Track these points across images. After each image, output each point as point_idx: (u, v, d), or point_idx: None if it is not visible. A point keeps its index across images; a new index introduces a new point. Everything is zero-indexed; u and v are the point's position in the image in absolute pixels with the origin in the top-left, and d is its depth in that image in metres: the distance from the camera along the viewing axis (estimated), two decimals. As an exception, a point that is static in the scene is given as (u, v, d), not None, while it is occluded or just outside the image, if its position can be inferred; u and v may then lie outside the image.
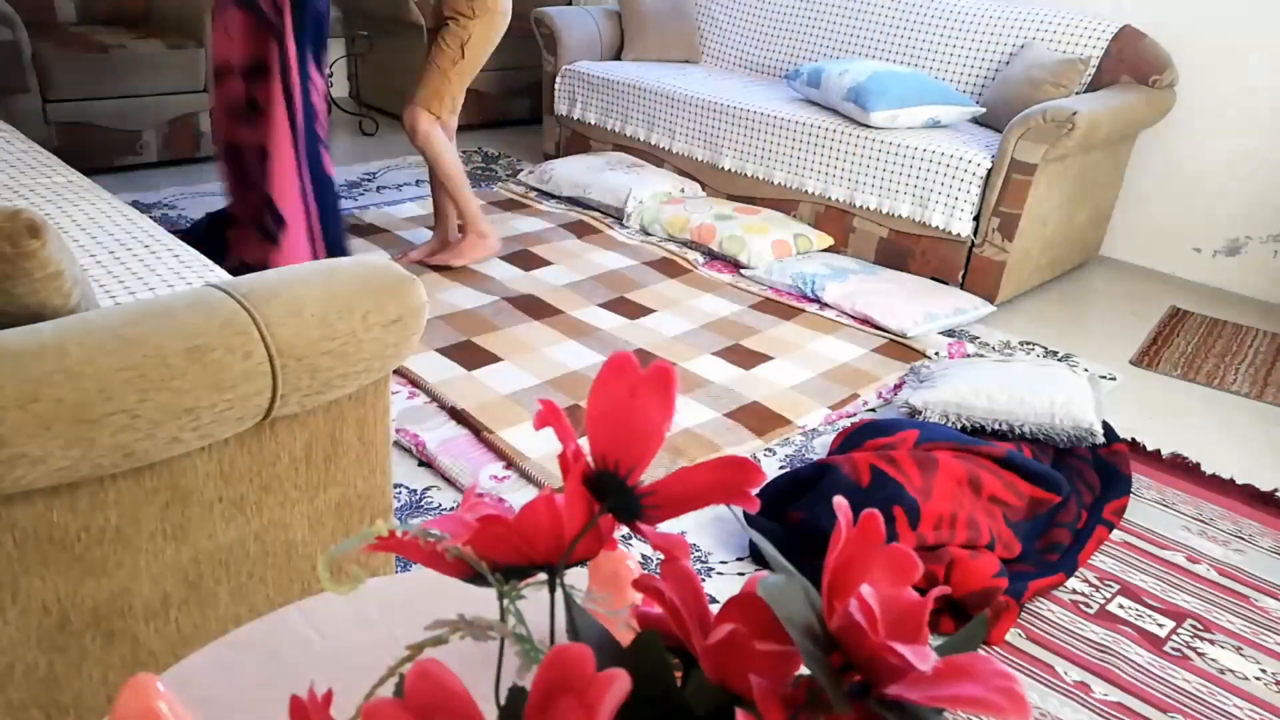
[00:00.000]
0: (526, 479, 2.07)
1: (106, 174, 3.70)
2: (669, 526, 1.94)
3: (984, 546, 1.83)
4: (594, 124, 4.17)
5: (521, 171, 4.10)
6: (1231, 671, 1.71)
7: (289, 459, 1.22)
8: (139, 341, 1.01)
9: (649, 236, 3.54)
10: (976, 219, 3.15)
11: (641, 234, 3.56)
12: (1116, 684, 1.66)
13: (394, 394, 2.36)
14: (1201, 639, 1.78)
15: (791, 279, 3.15)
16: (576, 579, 0.88)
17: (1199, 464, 2.36)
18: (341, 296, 1.17)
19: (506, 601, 0.53)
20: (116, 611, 1.12)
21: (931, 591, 0.47)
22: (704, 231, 3.41)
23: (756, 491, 1.79)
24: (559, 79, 4.24)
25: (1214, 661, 1.73)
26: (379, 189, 3.91)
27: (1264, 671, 1.72)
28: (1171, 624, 1.81)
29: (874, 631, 0.43)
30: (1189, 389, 2.79)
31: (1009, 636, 1.74)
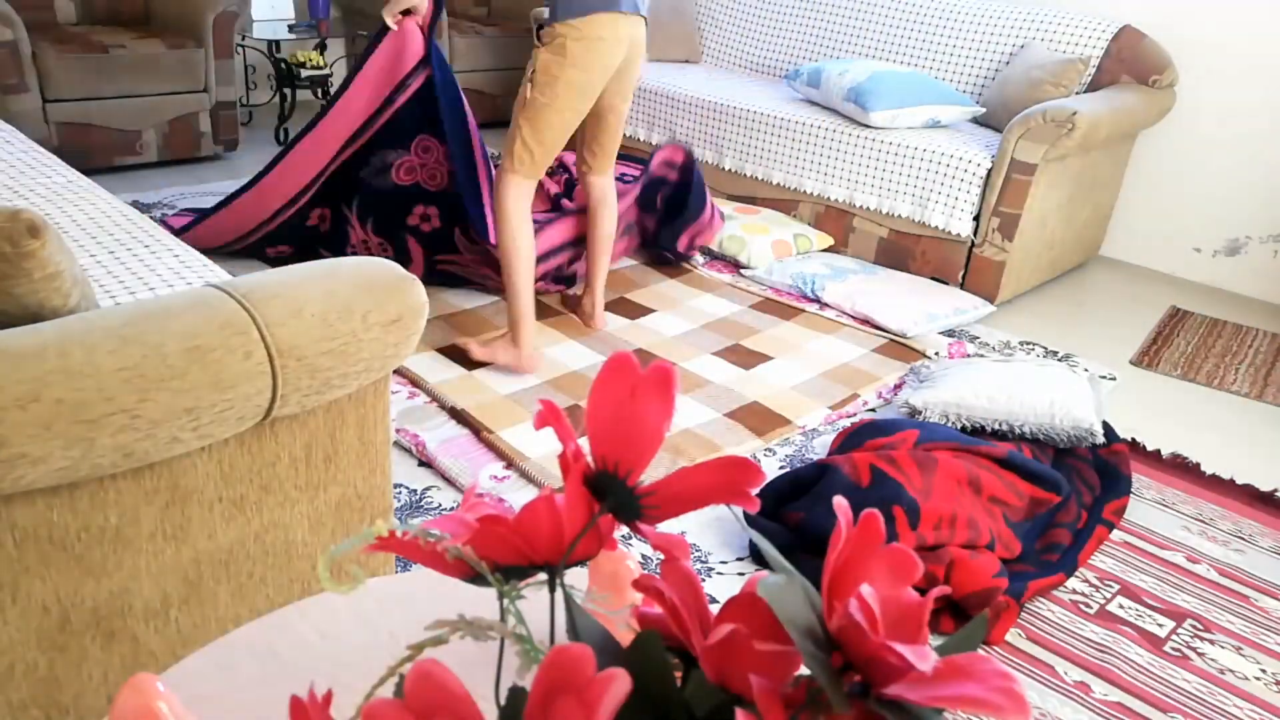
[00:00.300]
0: (526, 479, 2.07)
1: (106, 174, 3.71)
2: (669, 526, 1.94)
3: (984, 546, 1.82)
4: (594, 124, 4.17)
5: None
6: (1231, 671, 1.71)
7: (289, 459, 1.22)
8: (139, 341, 1.01)
9: (649, 236, 3.54)
10: (976, 219, 3.15)
11: (641, 234, 3.56)
12: (1116, 684, 1.66)
13: (394, 394, 2.36)
14: (1201, 639, 1.78)
15: (791, 279, 3.15)
16: (576, 579, 0.88)
17: (1199, 464, 2.36)
18: (341, 296, 1.17)
19: (506, 601, 0.53)
20: (116, 611, 1.12)
21: (931, 591, 0.47)
22: (704, 231, 3.41)
23: (756, 491, 1.79)
24: (559, 79, 4.23)
25: (1214, 661, 1.73)
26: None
27: (1264, 671, 1.72)
28: (1171, 624, 1.81)
29: (874, 631, 0.43)
30: (1189, 389, 2.79)
31: (1009, 636, 1.74)
